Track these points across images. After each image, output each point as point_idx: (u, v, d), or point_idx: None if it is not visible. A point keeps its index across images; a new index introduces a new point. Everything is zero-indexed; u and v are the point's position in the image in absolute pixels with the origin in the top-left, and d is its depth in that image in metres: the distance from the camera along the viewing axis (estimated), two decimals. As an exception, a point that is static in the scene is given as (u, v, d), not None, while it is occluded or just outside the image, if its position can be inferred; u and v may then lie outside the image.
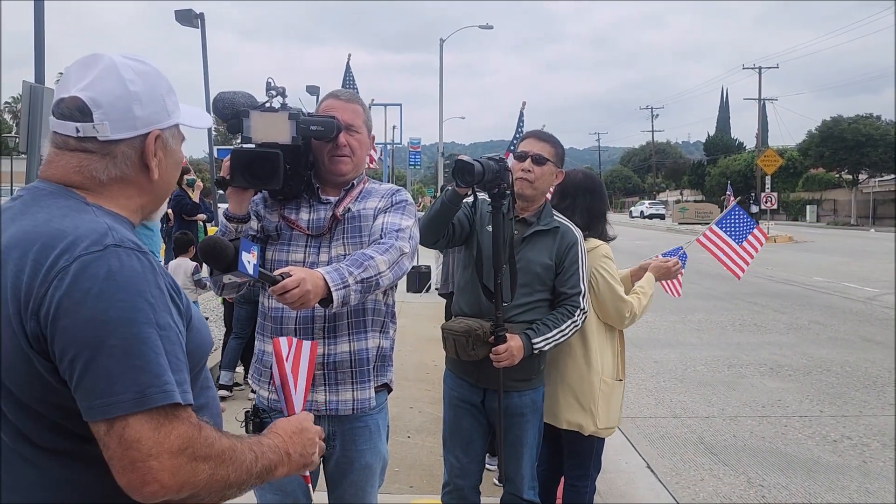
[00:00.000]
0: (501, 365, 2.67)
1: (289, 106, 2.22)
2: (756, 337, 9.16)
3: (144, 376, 1.09)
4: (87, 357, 1.08)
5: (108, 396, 1.08)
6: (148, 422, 1.09)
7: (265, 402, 2.28)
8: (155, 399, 1.09)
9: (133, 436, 1.08)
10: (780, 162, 33.48)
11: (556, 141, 2.96)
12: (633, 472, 4.70)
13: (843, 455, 4.99)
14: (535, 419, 2.87)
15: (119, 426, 1.08)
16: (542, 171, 2.88)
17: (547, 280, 2.84)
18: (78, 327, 1.09)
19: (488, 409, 2.85)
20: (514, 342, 2.68)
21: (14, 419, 1.17)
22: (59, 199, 1.23)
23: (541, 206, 2.92)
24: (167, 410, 1.11)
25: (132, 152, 1.28)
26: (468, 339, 2.68)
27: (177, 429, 1.11)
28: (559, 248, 2.85)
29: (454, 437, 2.92)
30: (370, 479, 2.34)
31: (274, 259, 2.26)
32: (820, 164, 47.91)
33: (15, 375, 1.14)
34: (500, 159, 2.61)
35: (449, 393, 2.94)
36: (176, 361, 1.14)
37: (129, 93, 1.25)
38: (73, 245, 1.14)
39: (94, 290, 1.10)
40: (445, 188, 2.86)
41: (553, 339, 2.78)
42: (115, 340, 1.09)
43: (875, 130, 43.66)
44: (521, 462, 2.83)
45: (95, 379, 1.08)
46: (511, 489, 2.88)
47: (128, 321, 1.11)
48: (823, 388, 6.71)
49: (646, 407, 6.20)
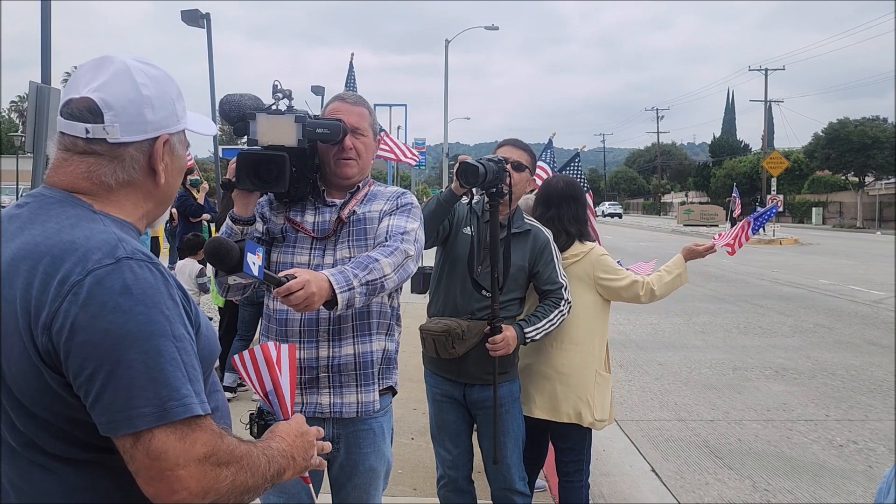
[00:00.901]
0: (498, 354, 2.81)
1: (295, 108, 2.22)
2: (761, 340, 9.13)
3: (165, 390, 1.10)
4: (108, 371, 1.08)
5: (129, 409, 1.08)
6: (173, 433, 1.10)
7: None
8: (175, 413, 1.10)
9: (160, 447, 1.09)
10: (785, 164, 33.42)
11: (531, 150, 3.18)
12: (638, 476, 4.69)
13: (848, 460, 4.97)
14: (515, 409, 3.03)
15: (146, 438, 1.09)
16: (521, 177, 3.06)
17: (520, 280, 3.02)
18: (96, 342, 1.09)
19: (469, 401, 2.99)
20: (508, 332, 2.84)
21: (24, 429, 1.17)
22: (66, 208, 1.22)
23: (513, 210, 3.02)
24: (190, 421, 1.12)
25: (140, 156, 1.27)
26: (448, 337, 2.82)
27: (201, 437, 1.12)
28: (533, 250, 3.02)
29: (442, 431, 3.07)
30: (374, 483, 2.33)
31: (279, 261, 2.26)
32: (826, 167, 47.79)
33: (24, 387, 1.14)
34: (498, 160, 2.76)
35: (431, 390, 3.08)
36: (193, 372, 1.15)
37: (141, 96, 1.25)
38: (85, 258, 1.13)
39: (111, 304, 1.10)
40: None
41: (543, 329, 2.98)
42: (135, 354, 1.09)
43: (881, 133, 43.54)
44: (506, 451, 2.96)
45: (116, 393, 1.09)
46: (500, 483, 3.01)
47: (146, 334, 1.11)
48: (829, 392, 6.69)
49: (650, 410, 6.19)
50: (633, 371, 7.54)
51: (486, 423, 2.94)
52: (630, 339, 9.21)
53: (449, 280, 2.98)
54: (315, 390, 2.22)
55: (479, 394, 2.95)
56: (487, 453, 2.98)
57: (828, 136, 45.38)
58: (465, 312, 2.90)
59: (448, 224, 2.96)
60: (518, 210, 3.08)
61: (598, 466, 4.84)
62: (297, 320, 2.21)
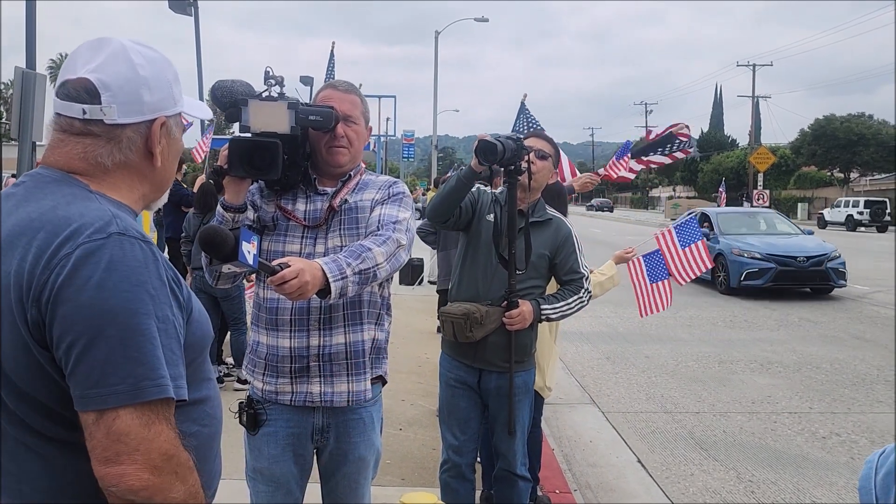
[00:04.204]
0: (514, 328, 2.86)
1: (287, 95, 2.20)
2: (747, 333, 9.21)
3: (140, 368, 1.09)
4: (84, 344, 1.08)
5: (103, 387, 1.07)
6: (138, 417, 1.08)
7: (259, 394, 2.28)
8: (149, 392, 1.09)
9: (122, 428, 1.07)
10: (772, 159, 33.65)
11: (555, 143, 3.19)
12: (624, 467, 4.73)
13: (831, 451, 5.03)
14: (527, 399, 3.06)
15: (109, 417, 1.07)
16: (544, 166, 3.07)
17: (541, 268, 3.02)
18: (77, 315, 1.08)
19: (483, 389, 3.01)
20: (525, 307, 2.87)
21: (14, 407, 1.16)
22: (63, 187, 1.21)
23: (535, 200, 3.08)
24: (158, 408, 1.10)
25: (137, 138, 1.26)
26: (466, 321, 2.86)
27: (166, 433, 1.11)
28: (555, 240, 3.04)
29: (452, 416, 3.08)
30: (364, 472, 2.33)
31: (270, 249, 2.25)
32: (812, 163, 48.18)
33: (14, 363, 1.13)
34: (517, 138, 2.79)
35: (445, 375, 3.09)
36: (171, 355, 1.14)
37: (138, 77, 1.24)
38: (77, 233, 1.12)
39: (95, 278, 1.09)
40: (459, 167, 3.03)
41: (560, 310, 3.00)
42: (114, 330, 1.08)
43: (867, 129, 43.92)
44: (514, 439, 3.01)
45: (91, 368, 1.08)
46: (504, 465, 3.07)
47: (128, 311, 1.10)
48: (813, 385, 6.76)
49: (636, 402, 6.23)
50: (620, 363, 7.59)
51: (500, 411, 2.99)
52: (617, 331, 9.26)
53: (472, 266, 3.00)
54: (305, 379, 2.21)
55: (494, 381, 2.98)
56: (498, 437, 3.03)
57: (814, 133, 45.72)
58: (486, 298, 2.92)
59: (471, 210, 2.99)
60: (540, 200, 3.11)
61: (585, 457, 4.88)
62: (288, 309, 2.20)
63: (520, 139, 2.80)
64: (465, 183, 2.81)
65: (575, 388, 6.59)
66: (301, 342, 2.20)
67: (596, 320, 9.68)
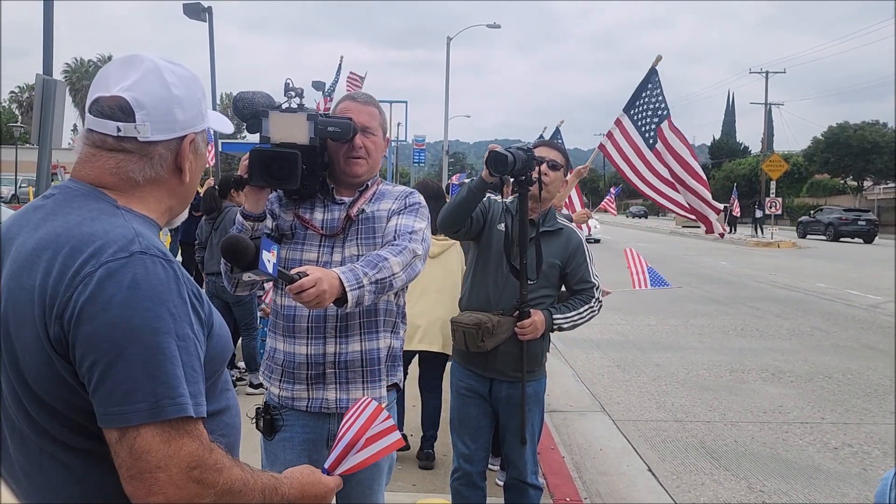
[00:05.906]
0: (526, 338, 2.89)
1: (306, 107, 2.24)
2: (758, 342, 9.17)
3: (161, 387, 1.11)
4: (107, 363, 1.10)
5: (125, 405, 1.09)
6: (160, 434, 1.10)
7: (276, 400, 2.31)
8: (168, 411, 1.11)
9: (143, 446, 1.09)
10: (785, 167, 33.43)
11: (567, 153, 3.23)
12: (634, 476, 4.73)
13: (843, 462, 5.01)
14: (538, 409, 3.08)
15: (131, 435, 1.09)
16: (556, 176, 3.10)
17: (552, 277, 3.04)
18: (99, 333, 1.10)
19: (494, 398, 3.05)
20: (537, 317, 2.91)
21: (37, 417, 1.18)
22: (90, 202, 1.23)
23: (546, 210, 3.10)
24: (179, 425, 1.12)
25: (168, 154, 1.29)
26: (478, 331, 2.87)
27: (187, 445, 1.12)
28: (566, 250, 3.06)
29: (462, 425, 3.10)
30: (378, 478, 2.36)
31: (288, 258, 2.28)
32: (825, 170, 47.85)
33: (38, 375, 1.16)
34: (527, 149, 2.82)
35: (456, 384, 3.11)
36: (192, 373, 1.15)
37: (171, 96, 1.27)
38: (101, 251, 1.14)
39: (118, 297, 1.11)
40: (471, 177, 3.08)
41: (572, 320, 3.03)
42: (136, 349, 1.10)
43: (881, 138, 43.62)
44: (525, 448, 3.03)
45: (113, 386, 1.10)
46: (514, 474, 3.10)
47: (150, 330, 1.12)
48: (825, 395, 6.73)
49: (647, 410, 6.23)
50: (631, 371, 7.58)
51: (511, 420, 3.02)
52: (628, 339, 9.25)
53: (483, 275, 3.03)
54: (322, 386, 2.25)
55: (505, 391, 3.00)
56: (509, 445, 3.06)
57: (827, 140, 45.45)
58: (497, 307, 2.94)
59: (482, 220, 3.02)
60: (551, 210, 3.13)
61: (595, 465, 4.89)
62: (305, 317, 2.24)
63: (530, 150, 2.83)
64: (476, 193, 2.83)
65: (585, 396, 6.59)
66: (318, 349, 2.23)
67: (606, 328, 9.67)
